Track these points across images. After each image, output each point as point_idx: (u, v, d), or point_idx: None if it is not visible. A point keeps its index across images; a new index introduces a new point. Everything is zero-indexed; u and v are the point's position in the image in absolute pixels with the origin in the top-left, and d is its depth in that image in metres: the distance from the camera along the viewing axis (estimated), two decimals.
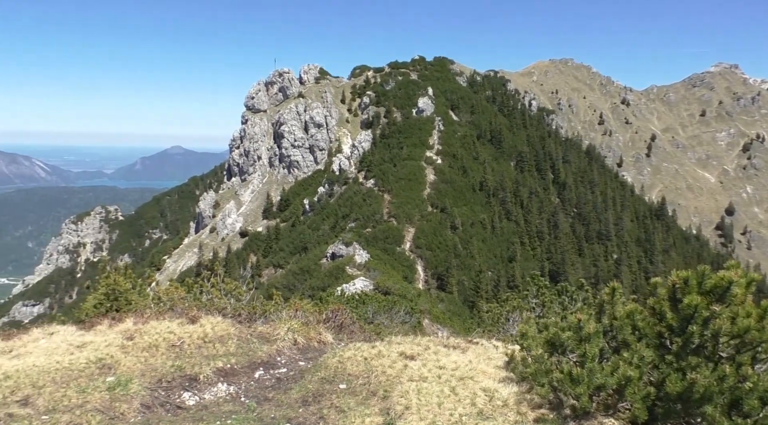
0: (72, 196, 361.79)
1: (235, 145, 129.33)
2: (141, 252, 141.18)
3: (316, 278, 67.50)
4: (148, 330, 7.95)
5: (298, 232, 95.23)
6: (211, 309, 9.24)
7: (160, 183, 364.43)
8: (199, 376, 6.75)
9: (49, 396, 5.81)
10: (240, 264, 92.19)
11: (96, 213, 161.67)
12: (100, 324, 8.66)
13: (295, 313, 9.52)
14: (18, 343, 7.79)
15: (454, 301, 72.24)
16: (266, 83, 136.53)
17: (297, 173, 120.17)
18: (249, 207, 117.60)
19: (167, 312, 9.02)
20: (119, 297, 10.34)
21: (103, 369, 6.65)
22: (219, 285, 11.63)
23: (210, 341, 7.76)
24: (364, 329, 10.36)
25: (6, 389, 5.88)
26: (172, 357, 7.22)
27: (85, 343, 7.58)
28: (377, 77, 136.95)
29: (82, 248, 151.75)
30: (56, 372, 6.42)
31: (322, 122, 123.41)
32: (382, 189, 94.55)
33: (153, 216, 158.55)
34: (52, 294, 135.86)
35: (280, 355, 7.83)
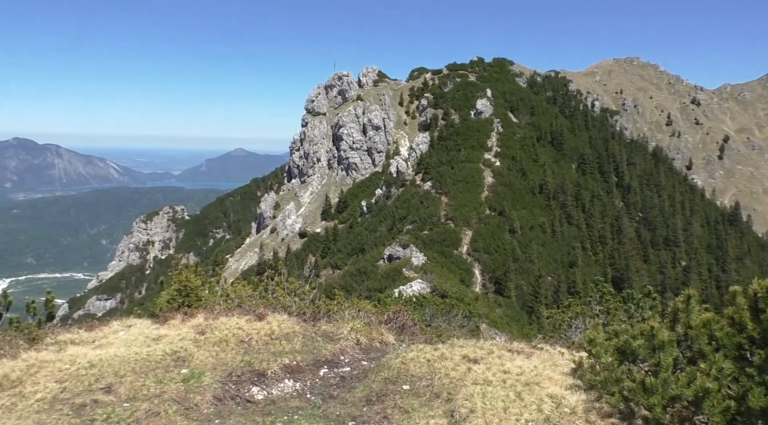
0: (142, 196, 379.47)
1: (295, 148, 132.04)
2: (205, 250, 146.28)
3: (373, 280, 67.96)
4: (218, 326, 8.26)
5: (355, 234, 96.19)
6: (277, 307, 9.51)
7: (224, 184, 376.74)
8: (267, 372, 6.96)
9: (129, 385, 6.15)
10: (299, 265, 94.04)
11: (164, 213, 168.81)
12: (173, 318, 9.07)
13: (358, 313, 9.65)
14: (100, 334, 8.28)
15: (512, 306, 71.09)
16: (326, 87, 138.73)
17: (355, 175, 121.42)
18: (308, 208, 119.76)
19: (236, 309, 9.35)
20: (190, 293, 10.79)
21: (177, 361, 6.98)
22: (283, 284, 11.94)
23: (276, 338, 7.99)
24: (425, 331, 10.38)
25: (91, 377, 6.27)
26: (241, 352, 7.48)
27: (161, 336, 7.97)
28: (435, 79, 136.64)
29: (151, 246, 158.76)
30: (135, 362, 6.78)
31: (380, 124, 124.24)
32: (439, 191, 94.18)
33: (217, 216, 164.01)
34: (123, 289, 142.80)
35: (344, 354, 7.97)
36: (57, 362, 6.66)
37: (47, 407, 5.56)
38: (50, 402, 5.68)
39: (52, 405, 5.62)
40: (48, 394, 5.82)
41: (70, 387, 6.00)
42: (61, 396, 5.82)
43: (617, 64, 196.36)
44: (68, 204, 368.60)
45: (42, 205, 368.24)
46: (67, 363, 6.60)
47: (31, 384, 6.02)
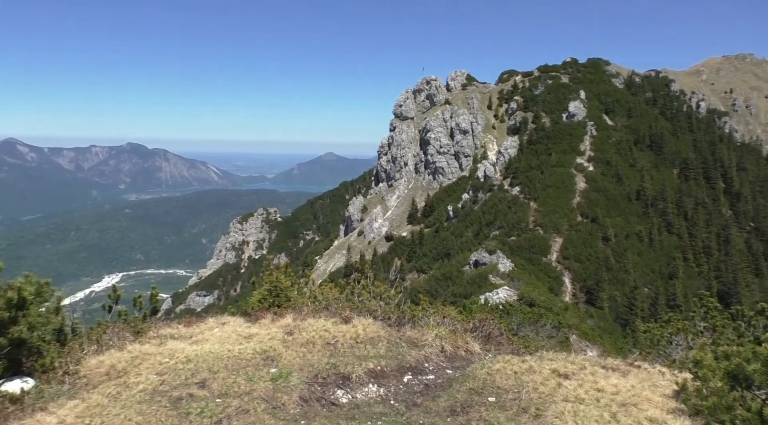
0: (239, 198, 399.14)
1: (383, 152, 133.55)
2: (295, 251, 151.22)
3: (459, 285, 67.29)
4: (305, 327, 8.45)
5: (441, 238, 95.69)
6: (363, 310, 9.58)
7: (315, 187, 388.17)
8: (352, 375, 7.01)
9: (222, 381, 6.41)
10: (385, 268, 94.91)
11: (258, 215, 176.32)
12: (264, 318, 9.39)
13: (443, 320, 9.53)
14: (196, 330, 8.72)
15: (604, 318, 67.82)
16: (414, 91, 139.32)
17: (442, 179, 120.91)
18: (395, 212, 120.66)
19: (323, 311, 9.53)
20: (280, 293, 11.13)
21: (267, 360, 7.19)
22: (369, 288, 12.03)
23: (361, 342, 8.04)
24: (512, 341, 10.07)
25: (188, 371, 6.60)
26: (327, 354, 7.59)
27: (252, 335, 8.26)
28: (525, 82, 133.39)
29: (246, 246, 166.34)
30: (228, 359, 7.07)
31: (467, 128, 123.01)
32: (528, 196, 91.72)
33: (307, 218, 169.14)
34: (220, 286, 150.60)
35: (428, 361, 7.88)
36: (158, 355, 7.08)
37: (148, 398, 5.90)
38: (150, 393, 6.03)
39: (152, 396, 5.96)
40: (149, 386, 6.18)
41: (169, 380, 6.34)
42: (160, 388, 6.17)
43: (727, 61, 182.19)
44: (173, 205, 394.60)
45: (150, 206, 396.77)
46: (166, 357, 6.99)
47: (134, 375, 6.43)
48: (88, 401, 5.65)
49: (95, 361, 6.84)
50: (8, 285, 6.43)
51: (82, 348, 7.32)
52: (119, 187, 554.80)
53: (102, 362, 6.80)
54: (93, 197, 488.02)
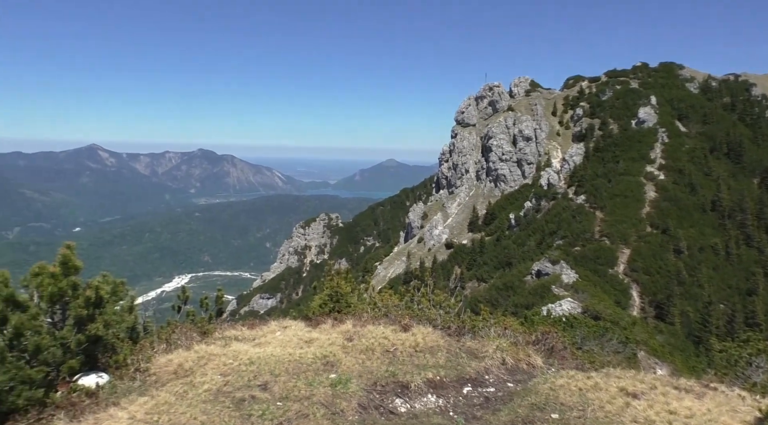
0: (302, 204, 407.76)
1: (444, 159, 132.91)
2: (356, 257, 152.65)
3: (520, 295, 65.90)
4: (365, 334, 8.48)
5: (502, 247, 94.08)
6: (422, 318, 9.53)
7: (376, 193, 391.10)
8: (410, 384, 6.97)
9: (283, 384, 6.52)
10: (444, 276, 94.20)
11: (320, 220, 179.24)
12: (324, 323, 9.50)
13: (504, 331, 9.34)
14: (259, 333, 8.93)
15: (675, 334, 64.54)
16: (476, 98, 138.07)
17: (503, 187, 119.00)
18: (455, 219, 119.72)
19: (382, 318, 9.54)
20: (341, 299, 11.24)
21: (326, 365, 7.26)
22: (429, 296, 11.96)
23: (421, 351, 7.98)
24: (576, 356, 9.73)
25: (250, 373, 6.75)
26: (386, 362, 7.58)
27: (312, 340, 8.37)
28: (592, 87, 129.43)
29: (308, 250, 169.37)
30: (289, 363, 7.18)
31: (531, 135, 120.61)
32: (593, 205, 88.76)
33: (368, 224, 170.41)
34: (282, 289, 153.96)
35: (488, 373, 7.73)
36: (222, 356, 7.29)
37: (212, 398, 6.08)
38: (215, 393, 6.21)
39: (216, 396, 6.13)
40: (213, 386, 6.37)
41: (232, 381, 6.51)
42: (224, 388, 6.34)
43: None
44: (239, 209, 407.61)
45: (218, 210, 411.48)
46: (230, 358, 7.19)
47: (200, 375, 6.64)
48: (157, 398, 5.88)
49: (164, 360, 7.12)
50: (87, 284, 6.80)
51: (153, 346, 7.65)
52: (190, 191, 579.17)
53: (170, 361, 7.06)
54: (166, 201, 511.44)
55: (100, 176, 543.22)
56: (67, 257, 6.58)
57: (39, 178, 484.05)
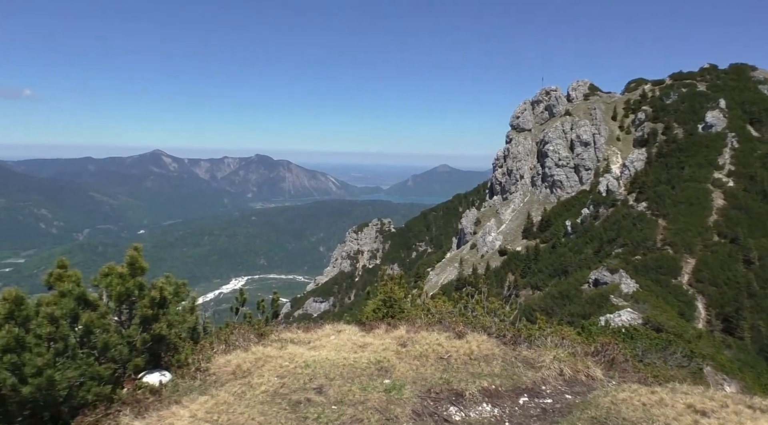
0: (355, 208, 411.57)
1: (498, 164, 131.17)
2: (408, 262, 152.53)
3: (577, 304, 64.12)
4: (419, 340, 8.44)
5: (558, 254, 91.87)
6: (477, 326, 9.40)
7: (428, 199, 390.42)
8: (465, 393, 6.87)
9: (337, 388, 6.56)
10: (497, 283, 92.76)
11: (373, 225, 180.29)
12: (377, 328, 9.52)
13: (561, 341, 9.10)
14: (314, 336, 9.03)
15: (745, 349, 61.14)
16: (532, 102, 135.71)
17: (560, 193, 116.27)
18: (509, 226, 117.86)
19: (436, 325, 9.48)
20: (394, 304, 11.25)
21: (380, 371, 7.26)
22: (483, 303, 11.79)
23: (475, 358, 7.87)
24: (638, 369, 9.36)
25: (306, 376, 6.84)
26: (440, 369, 7.51)
27: (366, 344, 8.40)
28: (656, 90, 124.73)
29: (361, 255, 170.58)
30: (343, 367, 7.23)
31: (589, 140, 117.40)
32: (656, 213, 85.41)
33: (420, 230, 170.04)
34: (335, 293, 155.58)
35: (545, 384, 7.53)
36: (278, 358, 7.42)
37: (269, 399, 6.19)
38: (272, 395, 6.31)
39: (273, 398, 6.24)
40: (270, 387, 6.48)
41: (288, 384, 6.61)
42: (280, 390, 6.45)
43: None
44: (294, 213, 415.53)
45: (274, 214, 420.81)
46: (286, 361, 7.30)
47: (257, 376, 6.77)
48: (217, 398, 6.04)
49: (223, 360, 7.31)
50: (152, 284, 7.06)
51: (212, 346, 7.87)
52: (247, 196, 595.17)
53: (229, 361, 7.25)
54: (224, 205, 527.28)
55: (164, 181, 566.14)
56: (134, 258, 6.87)
57: (107, 183, 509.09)
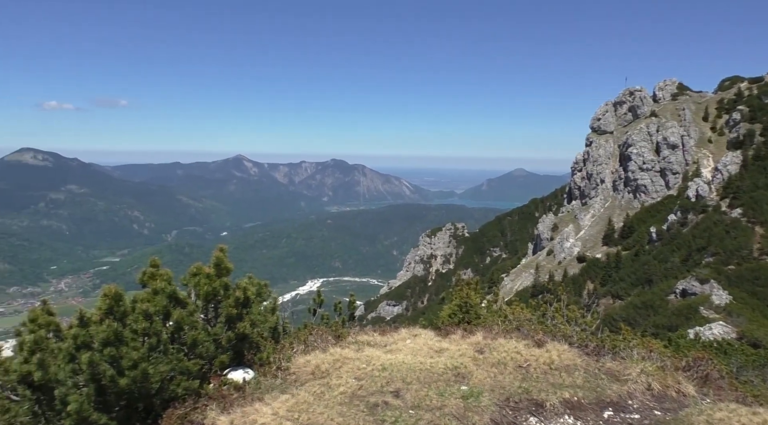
0: (428, 213, 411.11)
1: (577, 168, 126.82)
2: (482, 268, 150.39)
3: (662, 315, 60.87)
4: (496, 347, 8.28)
5: (641, 262, 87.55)
6: (557, 335, 9.11)
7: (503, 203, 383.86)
8: (545, 403, 6.66)
9: (414, 393, 6.54)
10: (575, 290, 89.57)
11: (446, 229, 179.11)
12: (453, 333, 9.43)
13: (648, 354, 8.64)
14: (390, 340, 9.07)
15: None
16: (614, 103, 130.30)
17: (644, 198, 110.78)
18: (588, 232, 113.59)
19: (514, 332, 9.26)
20: (470, 310, 11.11)
21: (457, 377, 7.18)
22: (563, 311, 11.42)
23: (556, 368, 7.62)
24: (736, 387, 8.72)
25: (383, 379, 6.87)
26: (518, 378, 7.33)
27: (443, 349, 8.34)
28: (753, 88, 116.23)
29: (434, 259, 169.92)
30: (420, 371, 7.20)
31: (677, 143, 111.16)
32: (752, 220, 79.56)
33: (494, 235, 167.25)
34: (408, 297, 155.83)
35: (632, 398, 7.17)
36: (356, 360, 7.50)
37: (347, 401, 6.27)
38: (350, 396, 6.39)
39: (351, 399, 6.31)
40: (348, 389, 6.56)
41: (366, 386, 6.67)
42: (358, 392, 6.51)
43: None
44: (369, 217, 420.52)
45: (349, 217, 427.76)
46: (363, 363, 7.37)
47: (336, 377, 6.88)
48: (297, 397, 6.18)
49: (303, 360, 7.49)
50: (236, 284, 7.35)
51: (292, 346, 8.08)
52: (323, 200, 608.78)
53: (308, 362, 7.41)
54: (301, 208, 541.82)
55: (245, 184, 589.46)
56: (220, 259, 7.18)
57: (193, 186, 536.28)
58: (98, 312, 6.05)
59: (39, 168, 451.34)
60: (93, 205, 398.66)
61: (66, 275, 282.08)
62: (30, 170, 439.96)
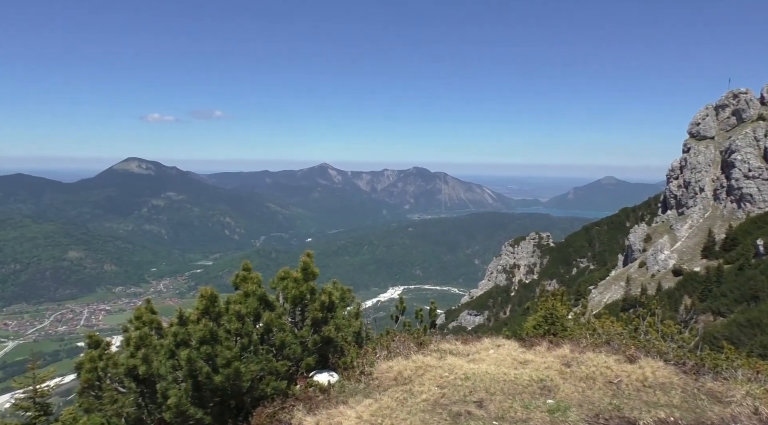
0: (511, 221, 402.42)
1: (673, 176, 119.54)
2: (567, 279, 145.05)
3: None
4: (584, 361, 7.96)
5: (746, 277, 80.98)
6: (651, 351, 8.63)
7: (591, 213, 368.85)
8: (638, 422, 6.32)
9: (498, 404, 6.42)
10: (671, 306, 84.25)
11: (530, 239, 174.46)
12: (538, 345, 9.17)
13: (755, 376, 7.99)
14: (473, 349, 8.96)
15: None
16: (716, 107, 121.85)
17: (749, 208, 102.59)
18: (685, 243, 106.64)
19: (603, 346, 8.87)
20: (556, 321, 10.77)
21: (543, 390, 6.97)
22: (657, 326, 10.81)
23: (650, 386, 7.22)
24: None
25: (466, 388, 6.80)
26: (609, 394, 7.01)
27: (527, 361, 8.13)
28: None
29: (517, 269, 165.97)
30: (504, 382, 7.06)
31: None
32: None
33: (581, 245, 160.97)
34: (489, 307, 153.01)
35: (736, 422, 6.65)
36: (438, 368, 7.47)
37: (429, 408, 6.25)
38: (432, 404, 6.37)
39: (433, 407, 6.29)
40: (431, 396, 6.55)
41: (448, 394, 6.63)
42: (441, 400, 6.48)
43: None
44: (450, 225, 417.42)
45: (430, 225, 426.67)
46: (446, 371, 7.33)
47: (418, 384, 6.89)
48: (380, 402, 6.25)
49: (385, 366, 7.55)
50: (322, 289, 7.56)
51: (375, 352, 8.17)
52: (404, 207, 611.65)
53: (391, 367, 7.46)
54: (383, 215, 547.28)
55: (329, 192, 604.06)
56: (306, 264, 7.41)
57: (281, 194, 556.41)
58: (195, 312, 6.42)
59: (143, 176, 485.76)
60: (189, 211, 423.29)
61: (164, 277, 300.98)
62: (135, 178, 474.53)
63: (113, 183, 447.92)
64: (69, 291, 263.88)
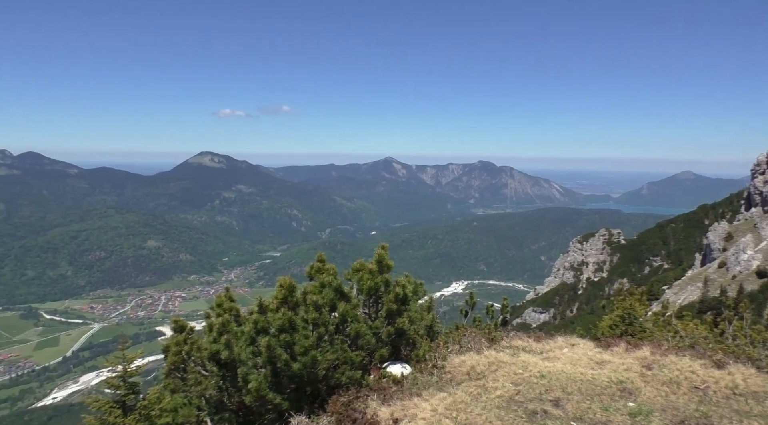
0: (580, 217, 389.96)
1: (760, 171, 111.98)
2: (639, 278, 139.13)
3: None
4: (667, 364, 7.62)
5: None
6: (741, 356, 8.14)
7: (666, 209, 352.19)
8: None
9: (576, 404, 6.25)
10: (755, 309, 79.19)
11: (600, 235, 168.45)
12: (616, 345, 8.85)
13: None
14: (546, 347, 8.76)
15: None
16: None
17: None
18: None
19: (687, 350, 8.46)
20: (634, 322, 10.37)
21: (623, 392, 6.73)
22: (745, 330, 10.20)
23: (741, 394, 6.82)
24: None
25: (541, 386, 6.66)
26: (695, 400, 6.68)
27: (604, 362, 7.86)
28: None
29: (585, 267, 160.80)
30: (581, 382, 6.87)
31: None
32: None
33: (655, 243, 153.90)
34: (556, 305, 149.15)
35: None
36: (511, 365, 7.36)
37: (504, 405, 6.17)
38: (507, 401, 6.29)
39: (508, 404, 6.21)
40: (505, 393, 6.46)
41: (523, 392, 6.52)
42: (515, 397, 6.38)
43: None
44: (515, 220, 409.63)
45: (495, 220, 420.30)
46: (520, 368, 7.21)
47: (492, 380, 6.81)
48: (454, 396, 6.23)
49: (458, 360, 7.52)
50: (396, 282, 7.60)
51: (447, 346, 8.15)
52: (469, 201, 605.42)
53: (463, 362, 7.42)
54: (447, 210, 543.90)
55: (393, 186, 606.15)
56: (381, 256, 7.47)
57: (346, 187, 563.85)
58: (274, 300, 6.61)
59: (215, 169, 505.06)
60: (258, 203, 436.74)
61: (235, 267, 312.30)
62: (208, 171, 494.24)
63: (188, 176, 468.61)
64: (148, 278, 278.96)
